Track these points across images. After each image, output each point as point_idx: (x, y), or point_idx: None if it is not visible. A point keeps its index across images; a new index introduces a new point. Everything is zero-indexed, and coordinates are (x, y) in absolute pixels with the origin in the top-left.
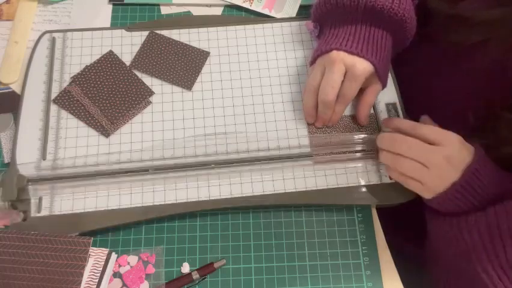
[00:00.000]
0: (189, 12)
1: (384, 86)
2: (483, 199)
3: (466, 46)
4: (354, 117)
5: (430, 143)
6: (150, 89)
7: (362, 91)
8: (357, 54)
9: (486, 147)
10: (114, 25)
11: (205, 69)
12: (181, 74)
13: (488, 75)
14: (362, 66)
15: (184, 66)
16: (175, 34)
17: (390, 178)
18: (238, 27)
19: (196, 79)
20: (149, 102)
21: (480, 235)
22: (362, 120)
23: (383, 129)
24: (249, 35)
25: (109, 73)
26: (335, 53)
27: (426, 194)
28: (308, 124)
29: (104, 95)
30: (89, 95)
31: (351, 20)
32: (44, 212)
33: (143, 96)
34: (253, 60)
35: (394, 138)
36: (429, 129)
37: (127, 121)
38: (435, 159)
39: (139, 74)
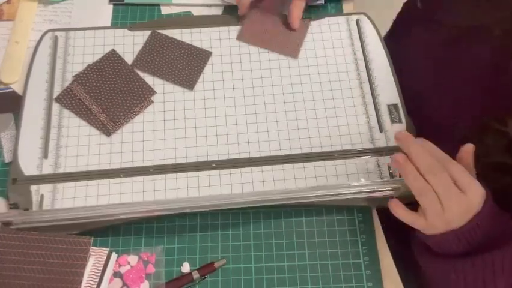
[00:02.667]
0: (189, 12)
1: None
2: (477, 244)
3: (465, 50)
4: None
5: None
6: (152, 89)
7: None
8: None
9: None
10: (114, 25)
11: (207, 69)
12: (183, 73)
13: (480, 83)
14: None
15: (186, 65)
16: (176, 34)
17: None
18: (239, 27)
19: (198, 79)
20: (151, 102)
21: (465, 279)
22: (292, 21)
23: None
24: None
25: (111, 72)
26: None
27: (428, 230)
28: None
29: (106, 94)
30: (91, 94)
31: None
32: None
33: (145, 95)
34: (254, 61)
35: (433, 166)
36: (460, 174)
37: (129, 120)
38: (453, 207)
39: (141, 74)
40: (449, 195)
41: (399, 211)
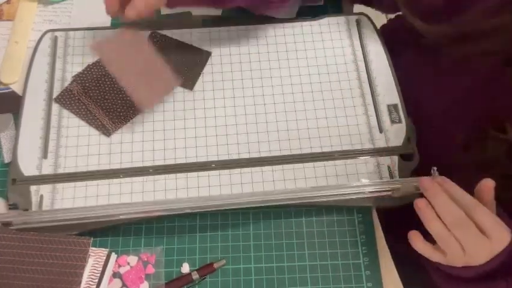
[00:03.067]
0: (189, 12)
1: None
2: (495, 271)
3: (461, 59)
4: None
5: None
6: None
7: None
8: None
9: (475, 167)
10: (114, 25)
11: (207, 69)
12: (183, 74)
13: (481, 92)
14: None
15: (186, 66)
16: (176, 34)
17: (392, 176)
18: (240, 27)
19: (197, 79)
20: None
21: None
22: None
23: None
24: (251, 35)
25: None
26: None
27: (445, 263)
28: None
29: (106, 95)
30: (91, 94)
31: None
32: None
33: None
34: (254, 61)
35: (458, 218)
36: (487, 219)
37: (128, 120)
38: (478, 254)
39: None
40: (473, 244)
41: (419, 244)
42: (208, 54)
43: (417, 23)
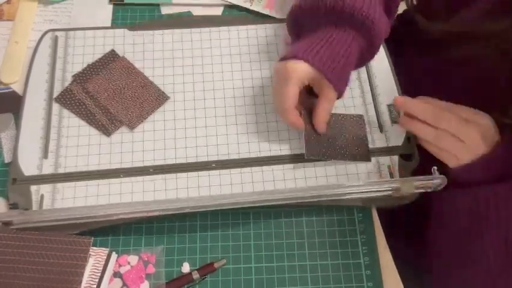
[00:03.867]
0: (189, 12)
1: (339, 92)
2: (504, 174)
3: (461, 58)
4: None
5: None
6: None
7: None
8: (298, 57)
9: None
10: (114, 25)
11: (207, 69)
12: (130, 109)
13: (481, 92)
14: (294, 66)
15: (137, 102)
16: (176, 34)
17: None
18: (240, 27)
19: (143, 120)
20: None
21: (497, 207)
22: (316, 126)
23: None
24: (251, 35)
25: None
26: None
27: (456, 164)
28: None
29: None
30: (91, 94)
31: (317, 24)
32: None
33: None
34: (254, 61)
35: (436, 113)
36: (464, 111)
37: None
38: (472, 135)
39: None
40: (462, 129)
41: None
42: (165, 98)
43: (419, 19)
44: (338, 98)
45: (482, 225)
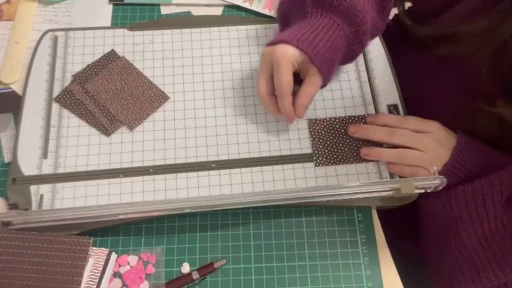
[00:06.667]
0: (189, 12)
1: (325, 78)
2: (472, 174)
3: (452, 58)
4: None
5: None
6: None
7: None
8: (285, 41)
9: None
10: (114, 25)
11: (207, 69)
12: (130, 109)
13: (470, 79)
14: (282, 50)
15: (137, 102)
16: (176, 34)
17: (391, 176)
18: (240, 27)
19: (143, 120)
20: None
21: (466, 204)
22: (296, 110)
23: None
24: (251, 35)
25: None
26: (267, 48)
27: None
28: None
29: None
30: (91, 94)
31: (303, 13)
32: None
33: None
34: (254, 61)
35: (387, 131)
36: (414, 120)
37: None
38: (429, 143)
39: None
40: (417, 139)
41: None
42: (165, 98)
43: (406, 22)
44: (322, 87)
45: (459, 225)
